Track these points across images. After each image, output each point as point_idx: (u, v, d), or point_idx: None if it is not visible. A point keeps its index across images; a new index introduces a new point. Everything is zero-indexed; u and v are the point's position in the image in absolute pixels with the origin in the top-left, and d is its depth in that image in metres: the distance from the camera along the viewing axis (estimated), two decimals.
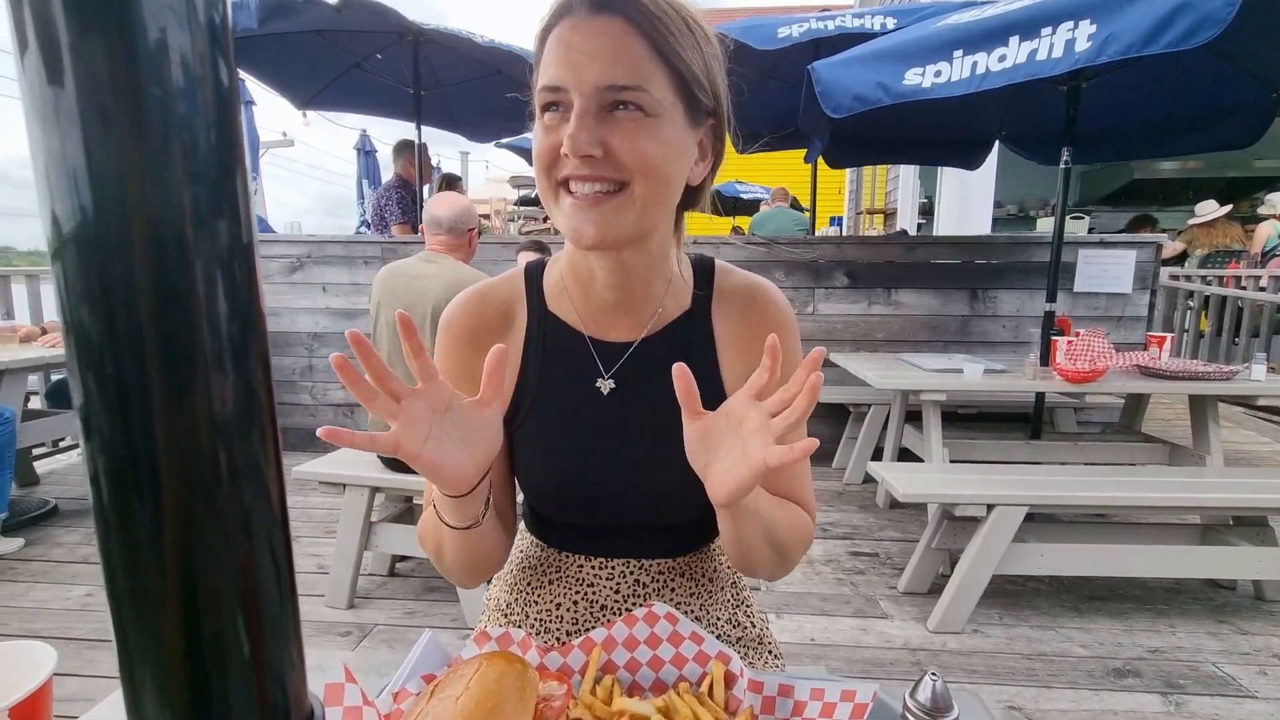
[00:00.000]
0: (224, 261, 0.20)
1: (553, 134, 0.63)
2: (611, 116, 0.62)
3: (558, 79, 0.62)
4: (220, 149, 0.20)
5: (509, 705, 0.45)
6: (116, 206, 0.18)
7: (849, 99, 2.56)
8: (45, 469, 3.72)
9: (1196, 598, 2.36)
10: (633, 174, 0.62)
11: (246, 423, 0.21)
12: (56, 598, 2.35)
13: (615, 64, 0.61)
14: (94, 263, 0.19)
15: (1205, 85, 2.99)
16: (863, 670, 1.97)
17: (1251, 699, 1.81)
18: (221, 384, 0.20)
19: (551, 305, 0.78)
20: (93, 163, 0.18)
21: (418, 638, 0.62)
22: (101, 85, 0.18)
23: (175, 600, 0.20)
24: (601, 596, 0.82)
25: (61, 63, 0.18)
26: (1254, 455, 4.14)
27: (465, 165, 10.86)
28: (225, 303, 0.20)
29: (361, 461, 2.31)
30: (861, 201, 9.78)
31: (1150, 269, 3.83)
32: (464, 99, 5.03)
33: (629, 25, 0.61)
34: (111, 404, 0.19)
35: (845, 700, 0.53)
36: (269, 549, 0.22)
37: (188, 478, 0.20)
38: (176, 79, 0.19)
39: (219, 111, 0.20)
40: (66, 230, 0.18)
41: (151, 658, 0.21)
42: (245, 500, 0.21)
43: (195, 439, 0.20)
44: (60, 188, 0.18)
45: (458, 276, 2.17)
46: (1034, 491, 2.15)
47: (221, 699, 0.21)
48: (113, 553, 0.20)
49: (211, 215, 0.20)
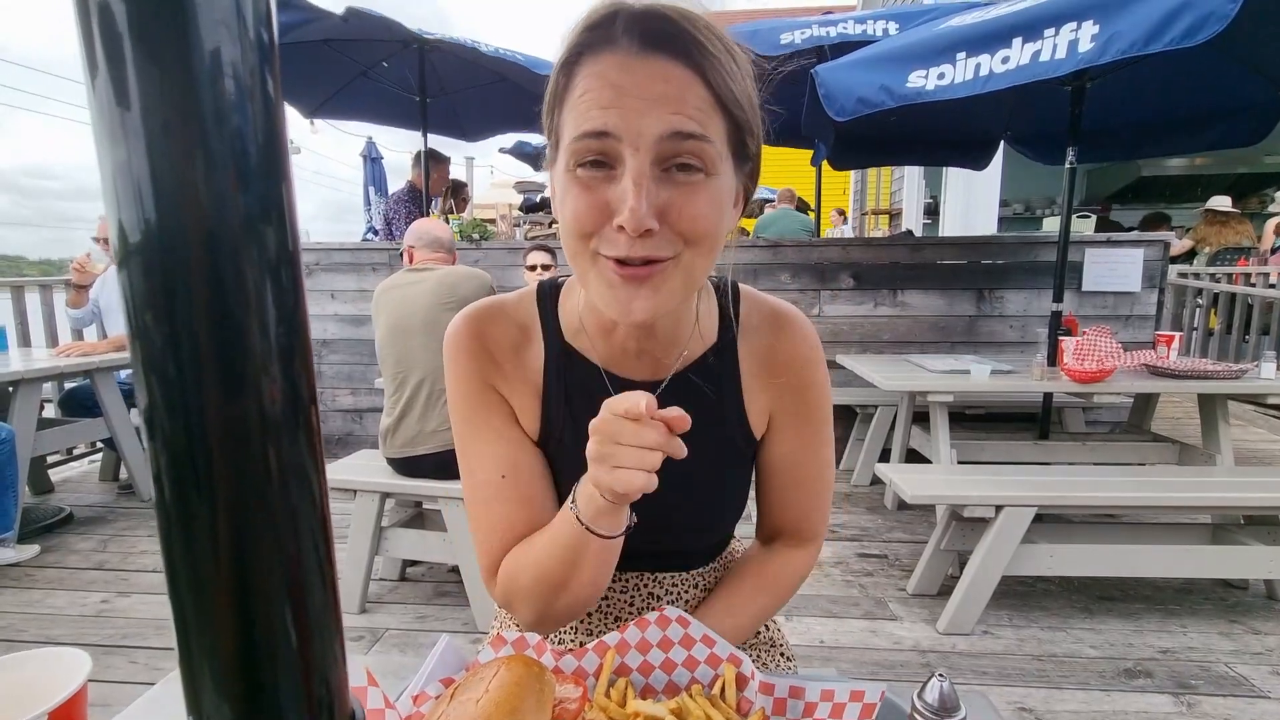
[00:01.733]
0: (272, 267, 0.21)
1: (593, 194, 0.55)
2: (669, 178, 0.55)
3: (606, 124, 0.52)
4: (268, 159, 0.21)
5: (528, 708, 0.47)
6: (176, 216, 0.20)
7: (853, 102, 2.57)
8: (60, 476, 3.77)
9: (1208, 598, 2.35)
10: (686, 245, 0.56)
11: (293, 423, 0.22)
12: (73, 604, 2.38)
13: (678, 110, 0.53)
14: (156, 270, 0.20)
15: (1212, 82, 2.98)
16: (872, 672, 1.98)
17: (1265, 699, 1.80)
18: (271, 385, 0.21)
19: (569, 337, 0.73)
20: (155, 175, 0.19)
21: (429, 641, 0.64)
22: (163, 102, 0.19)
23: (229, 594, 0.21)
24: (615, 609, 0.82)
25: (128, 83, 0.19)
26: (1265, 454, 4.11)
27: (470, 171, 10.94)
28: (274, 307, 0.21)
29: (372, 467, 2.33)
30: (866, 202, 9.77)
31: (1158, 267, 3.82)
32: (469, 105, 5.07)
33: (687, 67, 0.54)
34: (174, 404, 0.21)
35: (854, 700, 0.54)
36: (314, 547, 0.23)
37: (241, 475, 0.21)
38: (229, 92, 0.20)
39: (267, 122, 0.21)
40: (132, 240, 0.20)
41: (208, 649, 0.22)
42: (293, 499, 0.22)
43: (247, 438, 0.21)
44: (126, 200, 0.20)
45: (450, 273, 2.22)
46: (1043, 492, 2.15)
47: (272, 691, 0.22)
48: (173, 547, 0.22)
49: (261, 223, 0.21)
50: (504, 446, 0.72)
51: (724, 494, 0.78)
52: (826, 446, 0.78)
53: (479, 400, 0.72)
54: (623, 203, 0.53)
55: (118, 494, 3.51)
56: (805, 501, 0.79)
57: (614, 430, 0.54)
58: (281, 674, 0.22)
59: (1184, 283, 5.60)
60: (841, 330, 3.92)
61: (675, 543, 0.80)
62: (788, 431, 0.76)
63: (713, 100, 0.55)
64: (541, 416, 0.73)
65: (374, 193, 7.10)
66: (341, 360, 4.18)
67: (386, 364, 2.23)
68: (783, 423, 0.76)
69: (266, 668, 0.22)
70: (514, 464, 0.72)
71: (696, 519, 0.78)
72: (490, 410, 0.72)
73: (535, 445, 0.74)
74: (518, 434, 0.73)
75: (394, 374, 2.21)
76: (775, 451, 0.77)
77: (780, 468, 0.77)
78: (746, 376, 0.74)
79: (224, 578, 0.21)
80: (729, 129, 0.57)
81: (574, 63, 0.56)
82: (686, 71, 0.54)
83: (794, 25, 3.66)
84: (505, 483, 0.71)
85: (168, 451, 0.21)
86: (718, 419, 0.74)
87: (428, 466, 2.19)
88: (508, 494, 0.71)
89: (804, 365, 0.75)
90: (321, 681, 0.24)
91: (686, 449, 0.60)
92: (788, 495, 0.79)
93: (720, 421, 0.74)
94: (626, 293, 0.57)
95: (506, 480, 0.71)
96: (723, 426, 0.74)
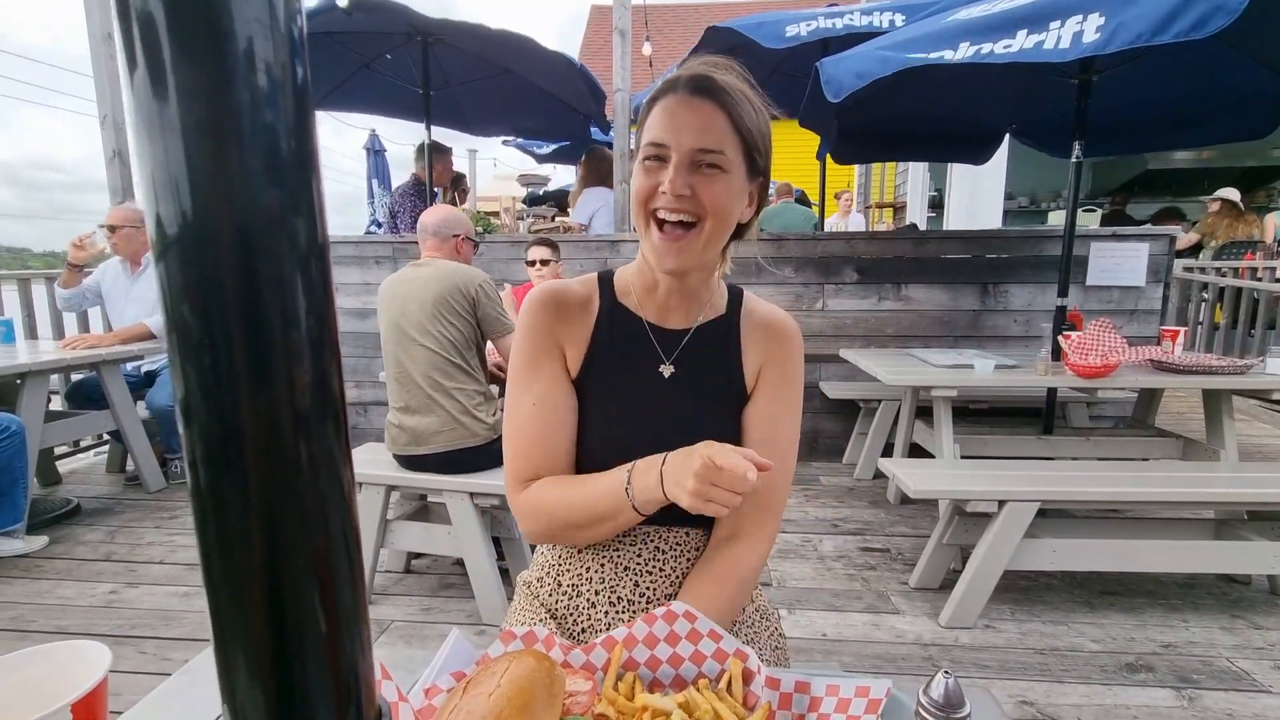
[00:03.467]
0: (303, 260, 0.22)
1: (653, 176, 0.84)
2: (698, 170, 0.83)
3: (663, 139, 0.83)
4: (299, 152, 0.21)
5: (539, 701, 0.47)
6: (211, 209, 0.20)
7: (850, 77, 2.56)
8: (67, 468, 3.79)
9: (1210, 593, 2.36)
10: (706, 213, 0.84)
11: (322, 413, 0.23)
12: (82, 595, 2.40)
13: (705, 135, 0.82)
14: (193, 263, 0.20)
15: (1219, 76, 2.96)
16: (874, 665, 1.99)
17: (1266, 694, 1.81)
18: (301, 376, 0.22)
19: (620, 299, 0.97)
20: (192, 169, 0.20)
21: (434, 634, 0.65)
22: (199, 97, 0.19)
23: (261, 582, 0.22)
24: (625, 559, 0.91)
25: (166, 79, 0.19)
26: (1269, 449, 4.11)
27: (473, 163, 10.88)
28: (304, 299, 0.22)
29: (377, 461, 2.34)
30: (870, 195, 9.73)
31: (1164, 261, 3.80)
32: (473, 98, 5.05)
33: (717, 106, 0.83)
34: (210, 394, 0.21)
35: (860, 696, 0.54)
36: (343, 536, 0.24)
37: (273, 465, 0.22)
38: (262, 86, 0.20)
39: (298, 117, 0.21)
40: (170, 233, 0.20)
41: (241, 636, 0.22)
42: (322, 489, 0.23)
43: (279, 428, 0.22)
44: (164, 194, 0.20)
45: (450, 271, 2.20)
46: (1046, 487, 2.15)
47: (302, 679, 0.23)
48: (208, 535, 0.22)
49: (292, 215, 0.21)
50: (542, 381, 0.91)
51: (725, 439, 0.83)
52: (794, 426, 0.95)
53: (537, 343, 0.92)
54: (667, 177, 0.83)
55: (124, 486, 3.53)
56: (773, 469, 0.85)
57: (714, 477, 0.72)
58: (312, 663, 0.23)
59: (1189, 277, 5.57)
60: (845, 324, 3.91)
61: None
62: (768, 392, 0.94)
63: (731, 128, 0.84)
64: (588, 352, 0.93)
65: (377, 185, 7.09)
66: (346, 353, 4.19)
67: (389, 361, 2.24)
68: (765, 385, 0.95)
69: (297, 657, 0.23)
70: (544, 395, 0.91)
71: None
72: (542, 352, 0.92)
73: (572, 384, 0.93)
74: (558, 374, 0.92)
75: (396, 373, 2.21)
76: (756, 407, 0.94)
77: (757, 423, 0.93)
78: (745, 341, 0.96)
79: (256, 566, 0.22)
80: (743, 148, 0.85)
81: (653, 103, 0.87)
82: (716, 109, 0.83)
83: (799, 18, 3.63)
84: (535, 410, 0.90)
85: (203, 441, 0.21)
86: (722, 370, 0.94)
87: (433, 464, 2.20)
88: (536, 416, 0.90)
89: (787, 344, 0.96)
90: (350, 671, 0.24)
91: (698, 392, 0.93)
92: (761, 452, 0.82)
93: (724, 372, 0.94)
94: (667, 248, 0.85)
95: (536, 408, 0.90)
96: (726, 377, 0.94)
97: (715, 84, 0.84)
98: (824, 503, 3.28)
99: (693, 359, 0.94)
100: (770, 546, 0.92)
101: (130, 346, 3.30)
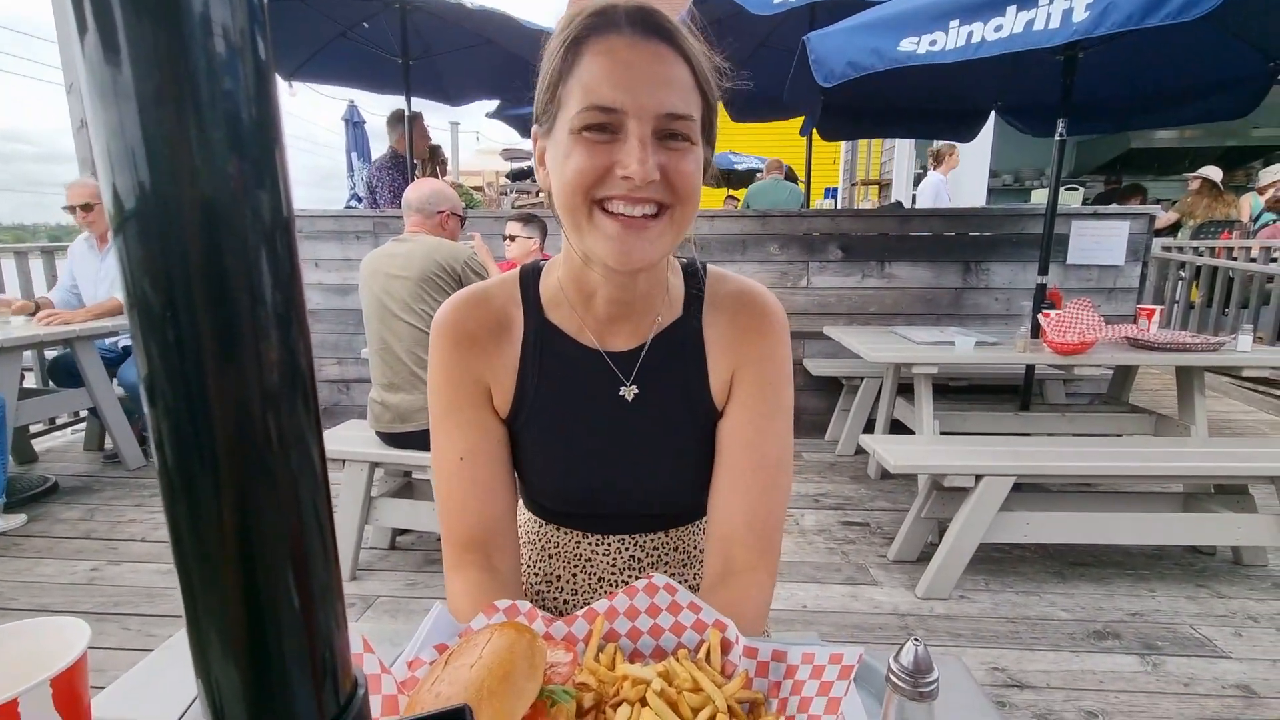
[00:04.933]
0: (268, 234, 0.21)
1: (600, 154, 0.62)
2: (663, 145, 0.63)
3: (614, 101, 0.61)
4: (261, 122, 0.21)
5: (520, 672, 0.48)
6: (171, 180, 0.19)
7: (842, 65, 2.54)
8: (43, 446, 3.73)
9: (1177, 563, 2.44)
10: (678, 198, 0.65)
11: (292, 390, 0.22)
12: (62, 572, 2.38)
13: (672, 93, 0.62)
14: (153, 236, 0.20)
15: (1202, 55, 2.97)
16: (852, 635, 2.04)
17: (1226, 659, 1.89)
18: (269, 353, 0.21)
19: (549, 313, 0.78)
20: (148, 138, 0.19)
21: (419, 609, 0.65)
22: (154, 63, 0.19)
23: (233, 559, 0.22)
24: (599, 570, 0.86)
25: (118, 43, 0.18)
26: (1238, 424, 4.22)
27: (455, 136, 10.66)
28: (269, 274, 0.21)
29: (361, 438, 2.34)
30: (856, 173, 9.71)
31: (1142, 240, 3.85)
32: (454, 68, 4.93)
33: (677, 54, 0.63)
34: (174, 372, 0.20)
35: (833, 663, 0.56)
36: (315, 514, 0.24)
37: (242, 443, 0.21)
38: (220, 53, 0.19)
39: (258, 85, 0.21)
40: (127, 206, 0.19)
41: (214, 613, 0.22)
42: (293, 465, 0.23)
43: (247, 405, 0.21)
44: (120, 164, 0.19)
45: (434, 247, 2.18)
46: (1021, 462, 2.20)
47: (278, 654, 0.23)
48: (178, 515, 0.22)
49: (255, 187, 0.21)
50: (468, 433, 0.77)
51: (691, 458, 0.80)
52: (784, 437, 0.78)
53: (454, 388, 0.77)
54: (630, 157, 0.61)
55: (103, 463, 3.49)
56: (760, 493, 0.76)
57: None
58: (287, 638, 0.23)
59: (1167, 256, 5.65)
60: (829, 302, 3.93)
61: (649, 506, 0.84)
62: (748, 401, 0.77)
63: (694, 83, 0.65)
64: (516, 389, 0.78)
65: (356, 158, 6.94)
66: (327, 330, 4.14)
67: (372, 338, 2.22)
68: (743, 392, 0.77)
69: (272, 632, 0.23)
70: (473, 449, 0.77)
71: (666, 482, 0.81)
72: (463, 398, 0.77)
73: (502, 425, 0.79)
74: (486, 421, 0.78)
75: (379, 349, 2.19)
76: (732, 422, 0.78)
77: (737, 443, 0.77)
78: (711, 348, 0.78)
79: (228, 543, 0.22)
80: (703, 109, 0.67)
81: (579, 43, 0.63)
82: (676, 56, 0.64)
83: None
84: (463, 465, 0.77)
85: (169, 419, 0.21)
86: (683, 386, 0.78)
87: (417, 441, 2.20)
88: (465, 474, 0.77)
89: (762, 337, 0.78)
90: (325, 645, 0.24)
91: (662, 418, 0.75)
92: (746, 479, 0.76)
93: (685, 387, 0.78)
94: (627, 242, 0.64)
95: (464, 463, 0.77)
96: (687, 392, 0.78)
97: (666, 20, 0.63)
98: (806, 478, 3.33)
99: (653, 375, 0.77)
100: (773, 579, 0.78)
101: (105, 322, 3.23)
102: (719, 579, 0.76)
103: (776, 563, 0.78)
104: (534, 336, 0.77)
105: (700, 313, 0.79)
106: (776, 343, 0.78)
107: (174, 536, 0.22)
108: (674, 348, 0.78)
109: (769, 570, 0.77)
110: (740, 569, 0.75)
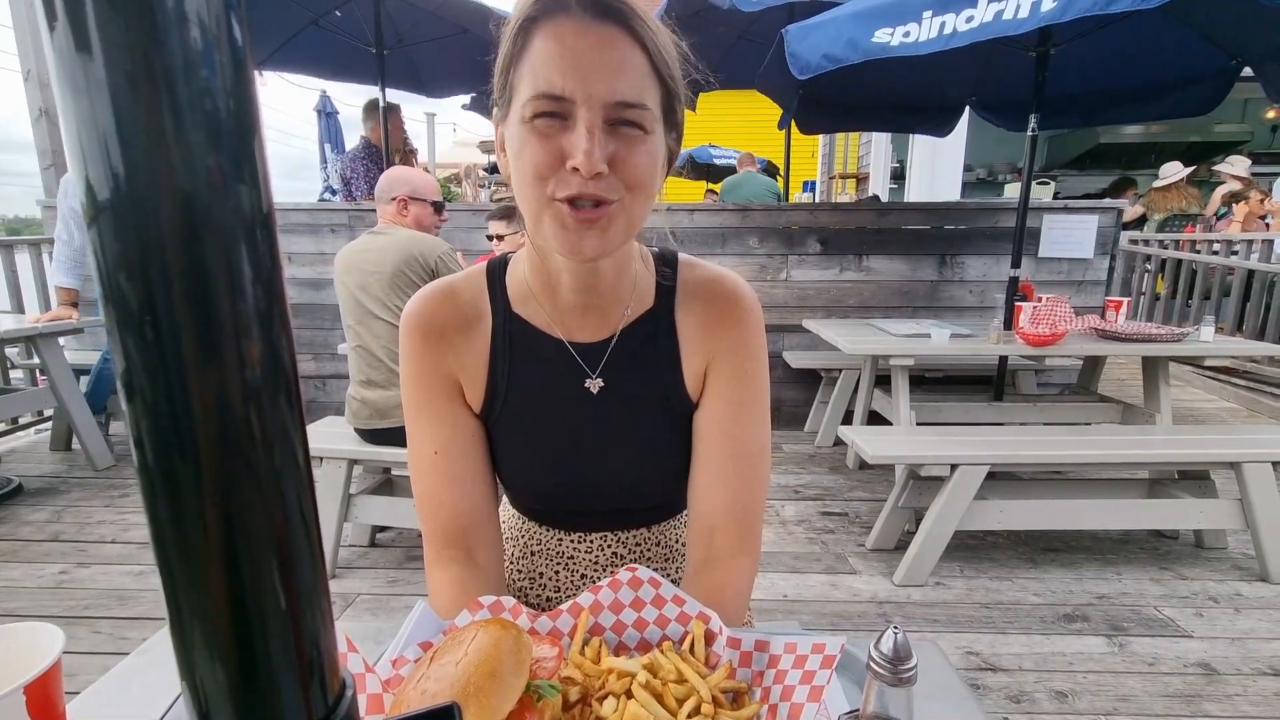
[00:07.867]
0: (248, 227, 0.21)
1: (551, 142, 0.60)
2: (615, 132, 0.61)
3: (563, 89, 0.59)
4: (239, 113, 0.20)
5: (506, 668, 0.48)
6: (147, 172, 0.19)
7: (817, 58, 2.55)
8: (5, 447, 3.63)
9: (1142, 547, 2.51)
10: (627, 190, 0.63)
11: (274, 386, 0.22)
12: (29, 576, 2.32)
13: (623, 79, 0.60)
14: (129, 229, 0.19)
15: (1169, 52, 3.04)
16: (832, 623, 2.07)
17: (1187, 639, 1.95)
18: (251, 349, 0.21)
19: (517, 307, 0.77)
20: (122, 129, 0.18)
21: (400, 606, 0.65)
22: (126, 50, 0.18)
23: (217, 556, 0.21)
24: (581, 567, 0.87)
25: (89, 31, 0.18)
26: (1201, 412, 4.36)
27: (431, 128, 10.47)
28: (250, 268, 0.21)
29: (339, 434, 2.31)
30: (834, 166, 9.78)
31: (1111, 234, 3.94)
32: (429, 58, 4.85)
33: (631, 39, 0.61)
34: (153, 369, 0.20)
35: (816, 652, 0.57)
36: (299, 510, 0.23)
37: (225, 440, 0.21)
38: (195, 42, 0.19)
39: (236, 74, 0.20)
40: (101, 197, 0.19)
41: (199, 613, 0.22)
42: (276, 461, 0.22)
43: (229, 401, 0.21)
44: (93, 154, 0.19)
45: (407, 242, 2.13)
46: (995, 451, 2.25)
47: (264, 654, 0.22)
48: (159, 514, 0.21)
49: (234, 180, 0.20)
50: (440, 427, 0.77)
51: (663, 450, 0.80)
52: (762, 425, 0.78)
53: (425, 383, 0.76)
54: (577, 148, 0.59)
55: (70, 466, 3.40)
56: (740, 482, 0.76)
57: None
58: (273, 637, 0.23)
59: (1134, 249, 5.79)
60: (808, 295, 3.97)
61: (627, 500, 0.83)
62: (725, 390, 0.77)
63: (650, 69, 0.62)
64: (487, 384, 0.77)
65: (330, 150, 6.82)
66: (302, 325, 4.07)
67: (349, 334, 2.18)
68: (718, 382, 0.77)
69: (258, 631, 0.23)
70: (446, 443, 0.77)
71: (639, 474, 0.81)
72: (434, 392, 0.77)
73: (476, 420, 0.79)
74: (458, 415, 0.78)
75: (356, 346, 2.16)
76: (709, 413, 0.77)
77: (715, 433, 0.77)
78: (684, 339, 0.77)
79: (212, 542, 0.22)
80: (662, 96, 0.64)
81: (530, 26, 0.62)
82: (630, 40, 0.61)
83: None
84: (437, 459, 0.77)
85: (149, 416, 0.21)
86: (655, 378, 0.77)
87: (396, 437, 2.17)
88: (440, 469, 0.77)
89: (736, 325, 0.77)
90: (312, 643, 0.24)
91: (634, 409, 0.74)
92: (725, 468, 0.76)
93: (658, 380, 0.77)
94: (578, 233, 0.63)
95: (438, 456, 0.77)
96: (660, 385, 0.77)
97: (620, 2, 0.61)
98: (786, 469, 3.36)
99: (622, 367, 0.77)
100: (755, 565, 0.78)
101: (65, 323, 3.14)
102: (701, 566, 0.76)
103: (758, 549, 0.78)
104: (503, 330, 0.77)
105: (672, 303, 0.78)
106: (750, 331, 0.77)
107: (155, 536, 0.22)
108: (645, 339, 0.77)
109: (751, 557, 0.77)
110: (722, 556, 0.76)
